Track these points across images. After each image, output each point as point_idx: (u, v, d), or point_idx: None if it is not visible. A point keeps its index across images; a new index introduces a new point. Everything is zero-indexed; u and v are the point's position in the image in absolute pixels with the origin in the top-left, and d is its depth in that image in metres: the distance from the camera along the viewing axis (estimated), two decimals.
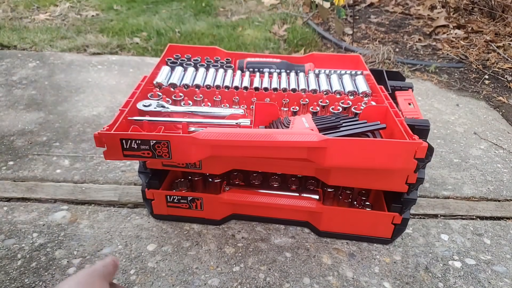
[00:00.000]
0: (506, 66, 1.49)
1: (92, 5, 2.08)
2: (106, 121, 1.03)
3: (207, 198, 0.68)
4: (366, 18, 1.98)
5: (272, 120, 0.67)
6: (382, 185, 0.62)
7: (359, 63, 0.89)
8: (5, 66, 1.33)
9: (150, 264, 0.63)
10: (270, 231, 0.71)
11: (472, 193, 0.84)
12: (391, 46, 1.64)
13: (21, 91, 1.17)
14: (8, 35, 1.59)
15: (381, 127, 0.62)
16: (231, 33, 1.73)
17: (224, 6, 2.20)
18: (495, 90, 1.34)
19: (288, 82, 0.78)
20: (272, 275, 0.62)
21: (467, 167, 0.92)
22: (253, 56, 0.88)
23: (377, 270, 0.64)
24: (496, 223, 0.76)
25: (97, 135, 0.55)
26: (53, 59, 1.41)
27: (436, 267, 0.65)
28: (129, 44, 1.58)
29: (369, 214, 0.66)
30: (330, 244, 0.68)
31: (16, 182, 0.80)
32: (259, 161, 0.64)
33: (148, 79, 0.74)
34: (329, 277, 0.62)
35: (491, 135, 1.06)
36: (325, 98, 0.72)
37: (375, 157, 0.55)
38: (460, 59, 1.56)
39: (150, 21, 1.84)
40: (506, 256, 0.68)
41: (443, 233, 0.72)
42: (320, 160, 0.56)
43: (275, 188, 0.71)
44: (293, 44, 1.65)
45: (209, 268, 0.63)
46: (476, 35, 1.73)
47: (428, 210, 0.78)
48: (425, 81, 1.40)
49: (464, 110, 1.20)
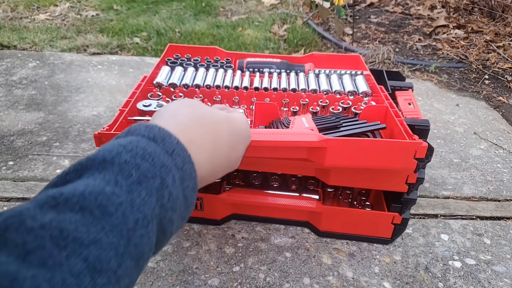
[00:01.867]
0: (506, 66, 1.49)
1: (92, 5, 2.08)
2: (106, 121, 1.04)
3: (207, 198, 0.68)
4: (366, 18, 1.98)
5: (272, 120, 0.67)
6: (382, 185, 0.62)
7: (359, 63, 0.90)
8: (5, 66, 1.33)
9: (150, 264, 0.63)
10: (270, 231, 0.71)
11: (472, 193, 0.84)
12: (391, 46, 1.64)
13: (21, 91, 1.17)
14: (8, 35, 1.59)
15: (381, 127, 0.62)
16: (231, 33, 1.73)
17: (224, 6, 2.20)
18: (495, 90, 1.34)
19: (288, 82, 0.78)
20: (272, 275, 0.62)
21: (467, 167, 0.92)
22: (253, 56, 0.88)
23: (377, 270, 0.64)
24: (496, 223, 0.76)
25: (97, 135, 0.55)
26: (53, 59, 1.41)
27: (436, 267, 0.65)
28: (129, 44, 1.58)
29: (369, 214, 0.66)
30: (330, 244, 0.68)
31: (16, 182, 0.80)
32: (259, 161, 0.64)
33: (148, 79, 0.74)
34: (329, 277, 0.62)
35: (491, 135, 1.06)
36: (325, 98, 0.72)
37: (375, 157, 0.55)
38: (460, 59, 1.56)
39: (150, 21, 1.84)
40: (506, 256, 0.68)
41: (443, 233, 0.72)
42: (320, 160, 0.56)
43: (275, 188, 0.71)
44: (293, 44, 1.65)
45: (209, 268, 0.63)
46: (476, 35, 1.73)
47: (428, 210, 0.78)
48: (425, 81, 1.40)
49: (464, 110, 1.20)
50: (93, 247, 0.23)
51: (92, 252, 0.23)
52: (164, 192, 0.29)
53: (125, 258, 0.25)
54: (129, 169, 0.27)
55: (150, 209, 0.27)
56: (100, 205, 0.24)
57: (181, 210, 0.31)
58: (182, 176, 0.31)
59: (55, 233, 0.22)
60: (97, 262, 0.23)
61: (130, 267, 0.25)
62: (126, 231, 0.25)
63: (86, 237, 0.23)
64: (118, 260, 0.24)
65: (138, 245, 0.26)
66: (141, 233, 0.26)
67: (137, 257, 0.26)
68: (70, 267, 0.21)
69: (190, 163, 0.32)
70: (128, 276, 0.25)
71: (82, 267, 0.22)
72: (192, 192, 0.33)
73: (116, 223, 0.25)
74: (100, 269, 0.23)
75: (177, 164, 0.31)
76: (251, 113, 0.69)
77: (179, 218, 0.32)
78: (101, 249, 0.23)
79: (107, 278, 0.23)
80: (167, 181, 0.29)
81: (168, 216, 0.29)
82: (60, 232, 0.22)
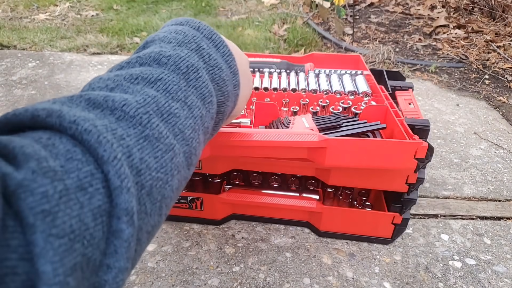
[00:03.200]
0: (506, 66, 1.49)
1: (92, 5, 2.08)
2: None
3: (207, 198, 0.68)
4: (366, 18, 1.98)
5: (272, 120, 0.67)
6: (382, 185, 0.62)
7: (359, 63, 0.89)
8: (5, 66, 1.33)
9: (150, 264, 0.63)
10: (270, 231, 0.71)
11: (472, 193, 0.84)
12: (391, 46, 1.64)
13: (21, 91, 1.17)
14: (8, 35, 1.59)
15: (381, 127, 0.62)
16: (231, 33, 1.73)
17: (224, 6, 2.20)
18: (495, 90, 1.34)
19: (288, 82, 0.78)
20: (272, 275, 0.62)
21: (467, 167, 0.92)
22: (253, 56, 0.88)
23: (377, 270, 0.64)
24: (496, 223, 0.76)
25: None
26: (53, 59, 1.41)
27: (436, 267, 0.65)
28: (129, 44, 1.58)
29: (369, 214, 0.66)
30: (330, 244, 0.68)
31: None
32: (259, 161, 0.64)
33: None
34: (329, 277, 0.62)
35: (491, 135, 1.06)
36: (325, 98, 0.72)
37: (375, 157, 0.55)
38: (460, 59, 1.56)
39: (150, 21, 1.84)
40: (506, 256, 0.68)
41: (443, 233, 0.72)
42: (320, 160, 0.56)
43: (275, 188, 0.71)
44: (293, 44, 1.65)
45: (209, 268, 0.63)
46: (476, 35, 1.73)
47: (428, 210, 0.78)
48: (425, 81, 1.40)
49: (464, 110, 1.20)
50: (160, 83, 0.28)
51: (160, 86, 0.28)
52: (203, 52, 0.33)
53: (189, 93, 0.29)
54: (168, 39, 0.33)
55: (195, 61, 0.31)
56: (154, 58, 0.30)
57: (227, 74, 0.35)
58: (214, 43, 0.35)
59: (126, 76, 0.27)
60: (165, 91, 0.28)
61: (197, 105, 0.30)
62: (182, 74, 0.30)
63: (151, 76, 0.28)
64: (184, 92, 0.29)
65: (197, 87, 0.30)
66: (195, 76, 0.31)
67: (201, 96, 0.31)
68: (145, 91, 0.26)
69: (216, 34, 0.36)
70: (198, 107, 0.30)
71: (155, 93, 0.27)
72: (230, 57, 0.36)
73: (172, 68, 0.30)
74: (171, 96, 0.28)
75: (205, 35, 0.35)
76: (251, 113, 0.69)
77: (230, 82, 0.36)
78: (167, 83, 0.28)
79: (179, 104, 0.28)
80: (202, 45, 0.34)
81: (217, 73, 0.34)
82: (130, 75, 0.27)
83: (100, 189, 0.20)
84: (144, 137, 0.24)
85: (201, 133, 0.30)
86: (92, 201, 0.19)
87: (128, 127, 0.23)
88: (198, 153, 0.30)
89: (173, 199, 0.27)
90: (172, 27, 0.35)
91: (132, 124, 0.24)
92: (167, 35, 0.33)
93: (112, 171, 0.20)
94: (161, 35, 0.33)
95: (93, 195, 0.20)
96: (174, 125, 0.27)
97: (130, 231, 0.21)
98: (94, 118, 0.22)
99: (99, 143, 0.21)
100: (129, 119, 0.24)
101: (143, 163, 0.23)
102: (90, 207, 0.19)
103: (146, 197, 0.23)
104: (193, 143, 0.28)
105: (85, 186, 0.19)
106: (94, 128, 0.21)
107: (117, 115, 0.24)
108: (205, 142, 0.34)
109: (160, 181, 0.24)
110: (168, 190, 0.25)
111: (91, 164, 0.20)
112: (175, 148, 0.26)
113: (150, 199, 0.23)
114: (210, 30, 0.35)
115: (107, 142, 0.21)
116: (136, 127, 0.24)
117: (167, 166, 0.25)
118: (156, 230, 0.26)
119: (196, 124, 0.29)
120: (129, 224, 0.21)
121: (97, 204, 0.20)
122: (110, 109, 0.24)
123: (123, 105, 0.24)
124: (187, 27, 0.34)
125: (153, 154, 0.24)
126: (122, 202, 0.20)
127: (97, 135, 0.21)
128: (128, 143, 0.23)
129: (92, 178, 0.20)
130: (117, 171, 0.21)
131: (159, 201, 0.24)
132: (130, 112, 0.24)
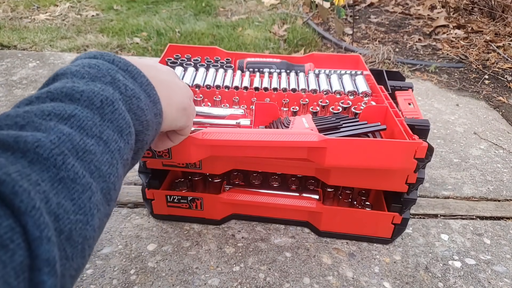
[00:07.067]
0: (506, 66, 1.49)
1: (92, 5, 2.08)
2: None
3: (207, 198, 0.68)
4: (366, 18, 1.98)
5: (272, 120, 0.67)
6: (382, 185, 0.62)
7: (359, 63, 0.90)
8: (5, 66, 1.34)
9: (150, 264, 0.63)
10: (270, 231, 0.71)
11: (472, 193, 0.84)
12: (391, 46, 1.64)
13: (21, 91, 1.17)
14: (8, 35, 1.59)
15: (381, 128, 0.62)
16: (231, 33, 1.73)
17: (224, 6, 2.20)
18: (495, 90, 1.34)
19: (288, 82, 0.78)
20: (272, 275, 0.62)
21: (467, 167, 0.92)
22: (253, 56, 0.88)
23: (377, 270, 0.64)
24: (496, 223, 0.76)
25: None
26: (53, 59, 1.42)
27: (436, 267, 0.65)
28: (129, 44, 1.58)
29: (369, 214, 0.66)
30: (330, 244, 0.68)
31: None
32: (259, 161, 0.64)
33: None
34: (329, 277, 0.62)
35: (491, 135, 1.07)
36: (325, 98, 0.72)
37: (375, 157, 0.55)
38: (460, 59, 1.56)
39: (150, 21, 1.84)
40: (506, 256, 0.68)
41: (443, 233, 0.73)
42: (320, 160, 0.56)
43: (275, 188, 0.71)
44: (293, 44, 1.65)
45: (209, 268, 0.63)
46: (476, 35, 1.73)
47: (428, 210, 0.78)
48: (425, 81, 1.40)
49: (464, 110, 1.20)
50: (73, 119, 0.27)
51: (73, 123, 0.27)
52: (119, 84, 0.32)
53: (105, 127, 0.29)
54: (80, 74, 0.31)
55: (110, 93, 0.30)
56: (66, 94, 0.29)
57: (146, 103, 0.34)
58: (131, 75, 0.34)
59: (37, 113, 0.26)
60: (80, 128, 0.27)
61: (114, 139, 0.29)
62: (96, 109, 0.29)
63: (64, 112, 0.27)
64: (99, 128, 0.28)
65: (113, 120, 0.30)
66: (111, 110, 0.30)
67: (119, 129, 0.30)
68: (59, 128, 0.26)
69: (132, 65, 0.35)
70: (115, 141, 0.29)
71: (69, 130, 0.26)
72: (149, 87, 0.35)
73: (86, 104, 0.29)
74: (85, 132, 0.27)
75: (121, 67, 0.34)
76: (251, 113, 0.69)
77: (149, 111, 0.35)
78: (80, 119, 0.27)
79: (94, 140, 0.27)
80: (117, 77, 0.33)
81: (135, 103, 0.33)
82: (42, 111, 0.26)
83: (21, 244, 0.19)
84: (59, 180, 0.23)
85: (120, 166, 0.29)
86: (14, 258, 0.19)
87: (41, 171, 0.23)
88: (118, 187, 0.30)
89: (95, 238, 0.27)
90: (85, 60, 0.34)
91: (46, 167, 0.23)
92: (79, 69, 0.32)
93: (31, 221, 0.20)
94: (73, 69, 0.32)
95: (14, 252, 0.19)
96: (90, 162, 0.26)
97: (52, 282, 0.20)
98: (5, 164, 0.21)
99: (15, 194, 0.20)
100: (42, 162, 0.23)
101: (60, 208, 0.22)
102: (12, 265, 0.18)
103: (66, 242, 0.23)
104: (111, 178, 0.28)
105: (6, 243, 0.18)
106: (8, 177, 0.20)
107: (30, 158, 0.23)
108: (125, 173, 0.33)
109: (80, 223, 0.24)
110: (90, 231, 0.25)
111: (10, 217, 0.19)
112: (92, 187, 0.25)
113: (70, 243, 0.23)
114: (125, 62, 0.34)
115: (23, 192, 0.20)
116: (50, 170, 0.23)
117: (86, 206, 0.25)
118: (80, 272, 0.25)
119: (114, 159, 0.29)
120: (51, 275, 0.20)
121: (19, 261, 0.19)
122: (21, 152, 0.22)
123: (36, 147, 0.23)
124: (101, 61, 0.34)
125: (70, 196, 0.24)
126: (42, 252, 0.20)
127: (12, 185, 0.20)
128: (43, 188, 0.22)
129: (12, 233, 0.19)
130: (36, 221, 0.20)
131: (80, 244, 0.24)
132: (44, 154, 0.23)
